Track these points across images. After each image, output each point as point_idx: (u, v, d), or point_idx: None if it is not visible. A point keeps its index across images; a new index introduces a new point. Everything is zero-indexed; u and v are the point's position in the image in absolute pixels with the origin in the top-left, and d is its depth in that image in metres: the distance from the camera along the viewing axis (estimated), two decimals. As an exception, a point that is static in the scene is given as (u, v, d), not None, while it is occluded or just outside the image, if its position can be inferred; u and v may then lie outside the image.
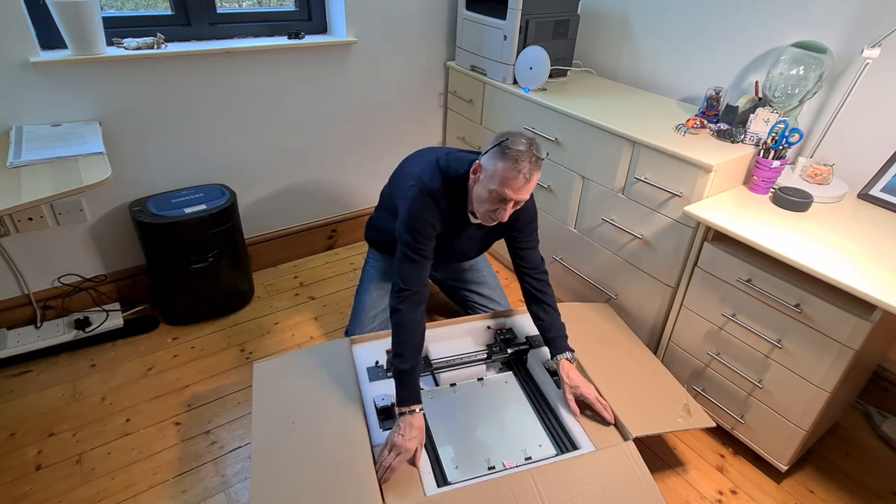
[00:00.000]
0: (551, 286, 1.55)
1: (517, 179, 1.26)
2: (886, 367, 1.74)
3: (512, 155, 1.26)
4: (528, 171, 1.26)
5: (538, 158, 1.29)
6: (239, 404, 1.69)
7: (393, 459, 1.20)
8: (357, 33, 2.11)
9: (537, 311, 1.52)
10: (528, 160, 1.26)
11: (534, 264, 1.54)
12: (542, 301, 1.52)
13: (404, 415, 1.26)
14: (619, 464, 1.25)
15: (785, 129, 1.50)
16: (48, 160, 1.46)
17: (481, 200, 1.33)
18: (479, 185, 1.34)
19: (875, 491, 1.53)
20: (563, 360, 1.46)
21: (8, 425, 1.58)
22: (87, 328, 1.86)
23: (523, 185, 1.27)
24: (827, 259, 1.27)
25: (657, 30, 2.06)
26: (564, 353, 1.47)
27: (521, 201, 1.31)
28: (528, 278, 1.54)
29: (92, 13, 1.59)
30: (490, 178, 1.29)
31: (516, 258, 1.55)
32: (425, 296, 1.39)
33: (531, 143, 1.29)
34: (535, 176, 1.29)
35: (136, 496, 1.41)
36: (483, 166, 1.32)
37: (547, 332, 1.50)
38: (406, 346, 1.31)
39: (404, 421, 1.25)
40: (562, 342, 1.49)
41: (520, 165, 1.25)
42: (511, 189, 1.27)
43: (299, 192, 2.29)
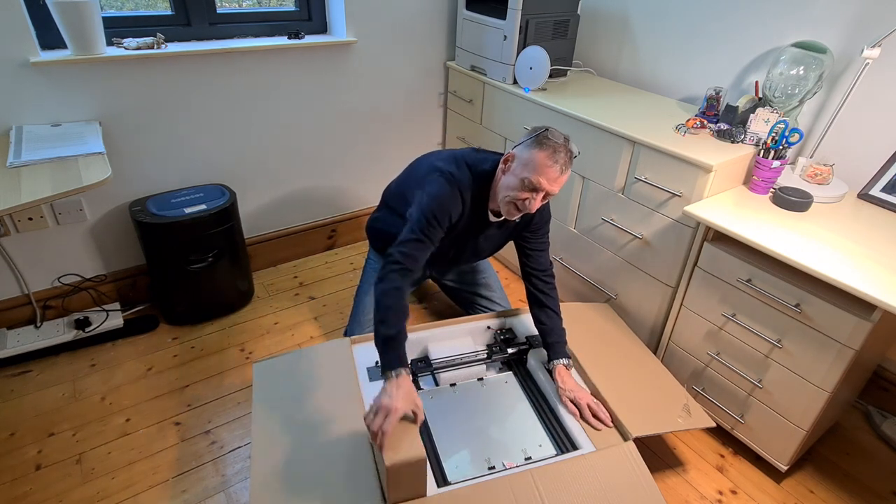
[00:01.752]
0: (556, 290, 1.54)
1: (553, 168, 1.26)
2: (886, 367, 1.74)
3: (550, 145, 1.26)
4: (564, 163, 1.27)
5: (573, 154, 1.30)
6: (239, 404, 1.69)
7: (381, 422, 1.08)
8: (357, 33, 2.11)
9: (539, 314, 1.52)
10: (564, 152, 1.27)
11: (542, 266, 1.53)
12: (545, 305, 1.51)
13: (390, 378, 1.15)
14: (619, 464, 1.25)
15: (785, 129, 1.50)
16: (48, 160, 1.46)
17: (510, 188, 1.31)
18: (509, 175, 1.32)
19: (875, 491, 1.53)
20: (560, 367, 1.46)
21: (8, 425, 1.58)
22: (87, 328, 1.86)
23: (558, 177, 1.28)
24: (827, 259, 1.27)
25: (657, 30, 2.07)
26: (561, 359, 1.47)
27: (551, 193, 1.30)
28: (534, 279, 1.53)
29: (92, 13, 1.59)
30: (524, 166, 1.28)
31: (524, 258, 1.54)
32: (417, 277, 1.36)
33: (567, 139, 1.30)
34: (568, 171, 1.30)
35: (136, 496, 1.41)
36: (517, 155, 1.31)
37: (547, 336, 1.50)
38: (392, 313, 1.22)
39: (390, 383, 1.14)
40: (560, 347, 1.49)
41: (557, 156, 1.26)
42: (546, 178, 1.27)
43: (299, 192, 2.29)
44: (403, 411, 1.11)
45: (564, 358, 1.48)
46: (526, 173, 1.28)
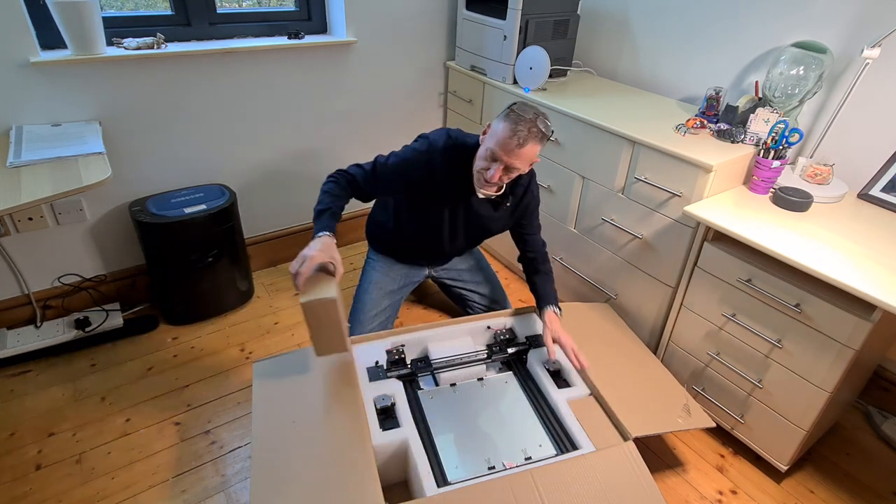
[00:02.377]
0: (551, 265, 1.67)
1: (511, 140, 1.31)
2: (886, 367, 1.74)
3: (513, 118, 1.32)
4: (524, 137, 1.31)
5: (541, 131, 1.33)
6: (239, 404, 1.69)
7: (298, 265, 1.26)
8: (357, 33, 2.11)
9: (534, 278, 1.65)
10: (527, 127, 1.31)
11: (537, 248, 1.66)
12: (540, 271, 1.64)
13: (315, 238, 1.34)
14: (619, 464, 1.25)
15: (785, 129, 1.50)
16: (48, 160, 1.46)
17: (479, 158, 1.41)
18: (482, 147, 1.41)
19: (875, 491, 1.53)
20: (549, 311, 1.55)
21: (8, 425, 1.58)
22: (87, 328, 1.86)
23: (514, 149, 1.32)
24: (827, 259, 1.27)
25: (657, 30, 2.07)
26: (551, 305, 1.57)
27: (511, 167, 1.36)
28: (528, 254, 1.67)
29: (92, 13, 1.59)
30: (490, 136, 1.37)
31: (521, 244, 1.67)
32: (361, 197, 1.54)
33: (539, 114, 1.34)
34: (530, 145, 1.32)
35: (135, 496, 1.41)
36: (491, 126, 1.40)
37: (539, 290, 1.63)
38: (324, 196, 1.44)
39: (314, 241, 1.33)
40: (551, 299, 1.60)
41: (517, 128, 1.30)
42: (503, 150, 1.33)
43: (299, 191, 2.29)
44: (319, 260, 1.28)
45: (555, 305, 1.58)
46: (489, 144, 1.36)
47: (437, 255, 1.81)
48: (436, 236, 1.65)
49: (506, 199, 1.56)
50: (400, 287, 1.82)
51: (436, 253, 1.77)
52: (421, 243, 1.72)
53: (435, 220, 1.59)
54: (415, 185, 1.51)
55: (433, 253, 1.78)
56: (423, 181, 1.50)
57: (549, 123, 1.36)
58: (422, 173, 1.49)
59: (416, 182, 1.51)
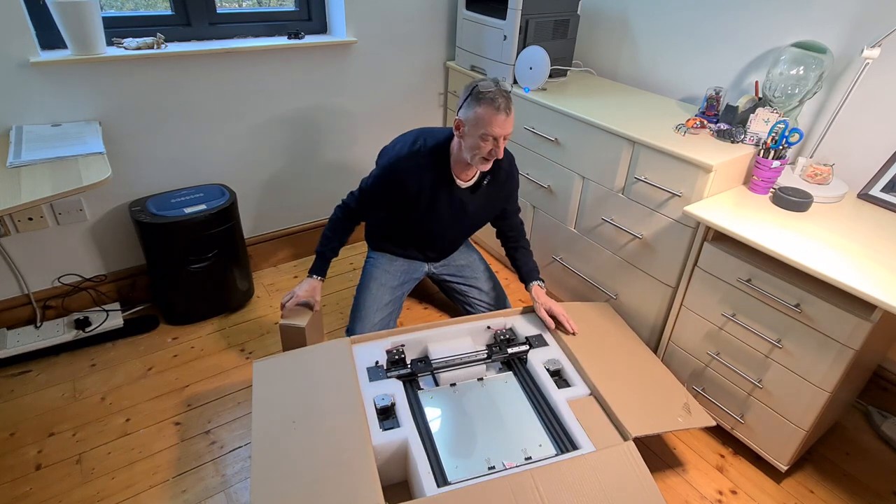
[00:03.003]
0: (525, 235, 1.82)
1: (499, 116, 1.40)
2: (886, 367, 1.74)
3: (487, 96, 1.40)
4: (506, 104, 1.41)
5: (508, 93, 1.43)
6: (239, 404, 1.69)
7: (286, 299, 1.61)
8: (357, 33, 2.11)
9: (515, 254, 1.78)
10: (501, 96, 1.41)
11: (515, 227, 1.80)
12: (520, 246, 1.78)
13: (307, 279, 1.65)
14: (619, 464, 1.25)
15: (785, 129, 1.50)
16: (48, 160, 1.46)
17: (473, 148, 1.47)
18: (467, 138, 1.48)
19: (875, 491, 1.53)
20: (535, 286, 1.71)
21: (8, 425, 1.58)
22: (87, 328, 1.86)
23: (506, 119, 1.42)
24: (827, 259, 1.27)
25: (657, 30, 2.07)
26: (536, 280, 1.72)
27: (508, 135, 1.46)
28: (507, 233, 1.80)
29: (92, 13, 1.59)
30: (475, 125, 1.44)
31: (500, 221, 1.80)
32: (359, 220, 1.71)
33: (497, 81, 1.44)
34: (511, 108, 1.43)
35: (136, 496, 1.41)
36: (463, 119, 1.46)
37: (521, 267, 1.76)
38: (330, 238, 1.68)
39: (304, 281, 1.65)
40: (534, 274, 1.74)
41: (497, 103, 1.40)
42: (498, 126, 1.42)
43: (299, 192, 2.29)
44: (303, 298, 1.62)
45: (539, 280, 1.72)
46: (479, 130, 1.43)
47: (433, 250, 1.86)
48: (428, 232, 1.74)
49: (483, 180, 1.66)
50: (401, 283, 1.83)
51: (431, 247, 1.84)
52: (416, 241, 1.80)
53: (424, 218, 1.67)
54: (395, 197, 1.62)
55: (429, 248, 1.84)
56: (401, 192, 1.60)
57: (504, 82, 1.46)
58: (396, 188, 1.59)
59: (395, 195, 1.61)
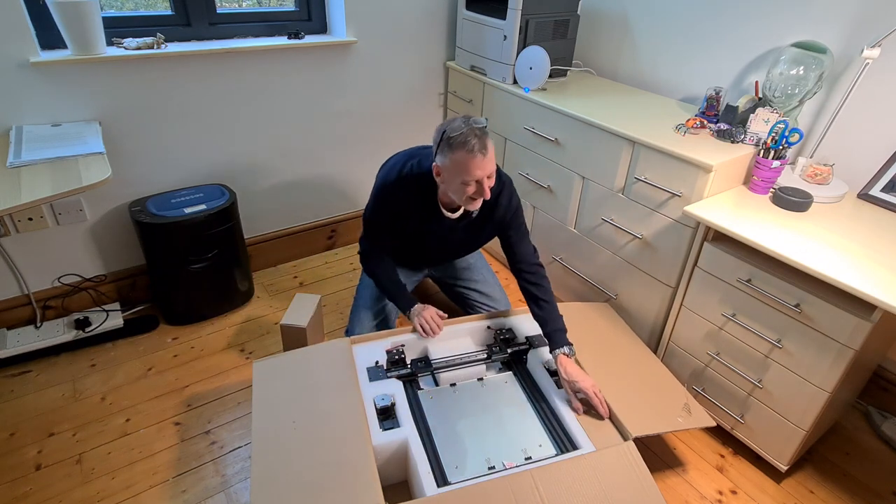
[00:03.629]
0: (546, 277, 1.58)
1: (476, 159, 1.33)
2: (886, 367, 1.74)
3: (458, 141, 1.33)
4: (480, 145, 1.33)
5: (481, 129, 1.35)
6: (239, 404, 1.69)
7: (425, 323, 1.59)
8: (357, 33, 2.11)
9: (534, 308, 1.56)
10: (473, 136, 1.33)
11: (525, 256, 1.59)
12: (538, 297, 1.55)
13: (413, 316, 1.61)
14: (619, 464, 1.25)
15: (785, 129, 1.50)
16: (48, 160, 1.46)
17: (458, 192, 1.40)
18: (448, 183, 1.41)
19: (875, 491, 1.53)
20: (561, 356, 1.46)
21: (8, 425, 1.58)
22: (87, 328, 1.86)
23: (484, 159, 1.34)
24: (827, 259, 1.27)
25: (657, 30, 2.07)
26: (562, 347, 1.47)
27: (491, 173, 1.39)
28: (523, 273, 1.58)
29: (92, 13, 1.59)
30: (454, 172, 1.37)
31: (509, 253, 1.61)
32: (387, 249, 1.65)
33: (466, 120, 1.36)
34: (488, 146, 1.35)
35: (136, 496, 1.41)
36: (441, 167, 1.40)
37: (544, 326, 1.53)
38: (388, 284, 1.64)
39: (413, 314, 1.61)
40: (559, 336, 1.49)
41: (469, 145, 1.32)
42: (478, 170, 1.34)
43: (299, 192, 2.29)
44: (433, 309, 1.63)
45: (565, 346, 1.47)
46: (460, 177, 1.36)
47: (428, 265, 1.87)
48: (419, 253, 1.72)
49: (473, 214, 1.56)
50: None
51: (426, 263, 1.84)
52: (409, 257, 1.77)
53: (414, 242, 1.64)
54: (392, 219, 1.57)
55: (423, 263, 1.84)
56: (394, 214, 1.56)
57: (477, 117, 1.38)
58: (389, 210, 1.55)
59: (392, 216, 1.56)
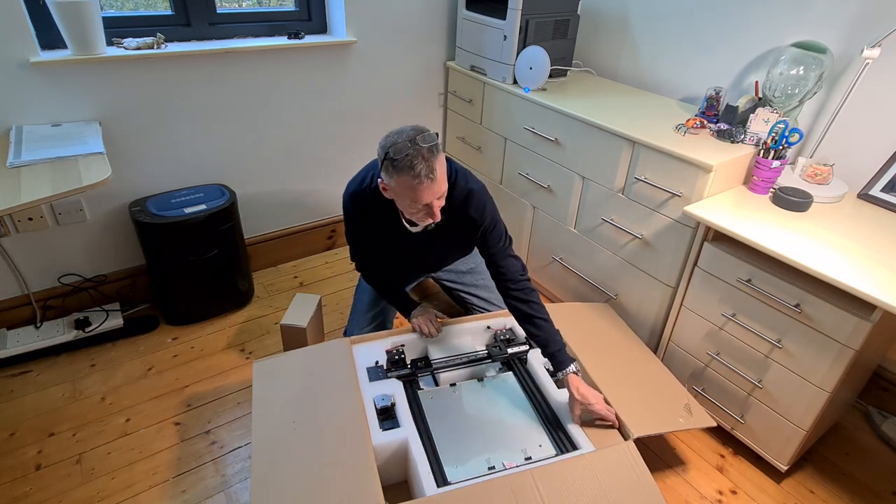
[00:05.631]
0: (536, 291, 1.46)
1: (422, 184, 1.20)
2: (886, 367, 1.74)
3: (402, 165, 1.19)
4: (427, 169, 1.18)
5: (429, 148, 1.20)
6: (239, 404, 1.69)
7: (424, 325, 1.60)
8: (357, 33, 2.11)
9: (529, 328, 1.44)
10: (420, 159, 1.18)
11: (511, 273, 1.45)
12: (530, 315, 1.43)
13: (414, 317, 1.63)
14: (619, 464, 1.25)
15: (785, 129, 1.50)
16: (48, 160, 1.46)
17: (407, 211, 1.31)
18: (398, 202, 1.31)
19: (875, 491, 1.53)
20: (571, 375, 1.37)
21: (8, 425, 1.58)
22: (87, 328, 1.86)
23: (431, 185, 1.21)
24: (827, 259, 1.27)
25: (657, 30, 2.06)
26: (569, 366, 1.39)
27: (443, 194, 1.27)
28: (510, 291, 1.45)
29: (92, 13, 1.59)
30: (401, 196, 1.26)
31: (493, 270, 1.48)
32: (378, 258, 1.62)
33: (413, 138, 1.19)
34: (438, 165, 1.21)
35: (136, 496, 1.41)
36: (388, 186, 1.27)
37: (545, 347, 1.42)
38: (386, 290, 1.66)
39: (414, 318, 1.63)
40: (562, 356, 1.41)
41: (415, 171, 1.18)
42: (425, 194, 1.22)
43: (299, 192, 2.29)
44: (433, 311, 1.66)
45: (571, 365, 1.39)
46: (407, 200, 1.25)
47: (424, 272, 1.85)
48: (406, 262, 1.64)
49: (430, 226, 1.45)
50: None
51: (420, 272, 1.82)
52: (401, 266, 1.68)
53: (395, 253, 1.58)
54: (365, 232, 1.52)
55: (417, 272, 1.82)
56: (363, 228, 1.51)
57: (427, 131, 1.22)
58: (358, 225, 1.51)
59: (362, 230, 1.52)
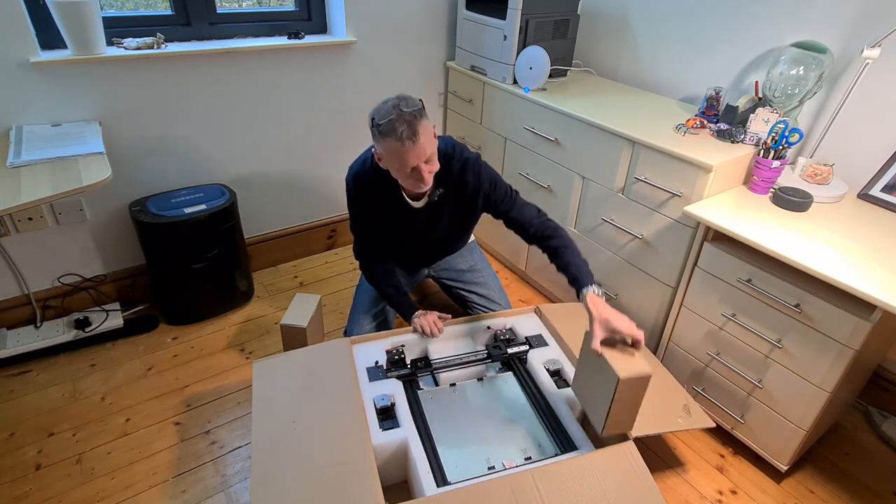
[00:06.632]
0: (557, 227, 1.49)
1: (406, 147, 1.27)
2: (886, 367, 1.74)
3: (386, 129, 1.27)
4: (409, 132, 1.26)
5: (412, 113, 1.27)
6: (239, 404, 1.69)
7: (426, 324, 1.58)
8: (357, 33, 2.11)
9: (555, 259, 1.45)
10: (402, 122, 1.25)
11: (527, 219, 1.50)
12: (555, 248, 1.45)
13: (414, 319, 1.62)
14: (619, 464, 1.25)
15: (785, 129, 1.50)
16: (48, 160, 1.46)
17: (399, 177, 1.39)
18: (390, 169, 1.38)
19: (875, 491, 1.53)
20: (590, 294, 1.29)
21: (8, 425, 1.58)
22: (87, 328, 1.86)
23: (414, 147, 1.28)
24: (827, 259, 1.27)
25: (657, 30, 2.07)
26: (590, 286, 1.32)
27: (430, 156, 1.33)
28: (531, 236, 1.50)
29: (92, 13, 1.59)
30: (388, 159, 1.33)
31: (513, 225, 1.53)
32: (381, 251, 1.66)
33: (397, 104, 1.28)
34: (420, 128, 1.27)
35: (135, 496, 1.41)
36: (378, 152, 1.37)
37: (566, 271, 1.40)
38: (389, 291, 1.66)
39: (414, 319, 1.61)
40: (585, 277, 1.35)
41: (397, 133, 1.26)
42: (411, 157, 1.29)
43: (299, 192, 2.29)
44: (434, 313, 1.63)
45: (593, 285, 1.32)
46: (395, 164, 1.33)
47: (419, 260, 1.83)
48: (403, 246, 1.68)
49: (436, 196, 1.52)
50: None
51: (415, 258, 1.80)
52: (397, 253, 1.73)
53: (393, 236, 1.62)
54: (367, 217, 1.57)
55: (413, 258, 1.80)
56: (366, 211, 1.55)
57: (410, 98, 1.30)
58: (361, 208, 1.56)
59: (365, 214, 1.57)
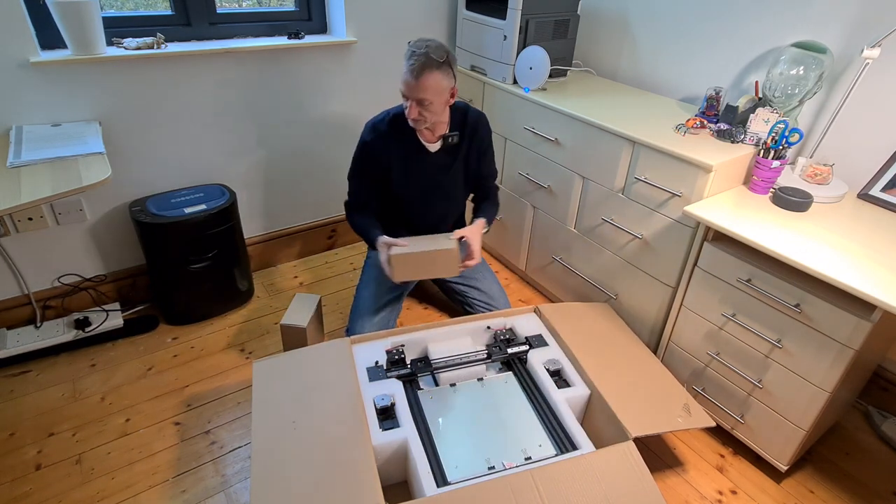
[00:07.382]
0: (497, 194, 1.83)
1: (407, 76, 1.41)
2: (886, 367, 1.74)
3: (407, 55, 1.41)
4: (418, 68, 1.39)
5: (434, 59, 1.39)
6: (239, 404, 1.69)
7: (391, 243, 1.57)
8: (357, 33, 2.11)
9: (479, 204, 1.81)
10: (419, 59, 1.38)
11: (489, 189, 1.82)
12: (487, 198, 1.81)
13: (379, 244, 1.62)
14: (619, 464, 1.25)
15: (785, 129, 1.50)
16: (48, 160, 1.46)
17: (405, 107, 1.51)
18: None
19: (875, 491, 1.53)
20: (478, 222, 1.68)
21: (8, 425, 1.58)
22: (87, 328, 1.86)
23: (413, 82, 1.41)
24: (827, 259, 1.27)
25: (657, 30, 2.07)
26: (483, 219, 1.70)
27: (421, 100, 1.45)
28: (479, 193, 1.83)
29: (92, 13, 1.59)
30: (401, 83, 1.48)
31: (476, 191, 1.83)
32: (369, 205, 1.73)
33: (430, 45, 1.40)
34: (426, 74, 1.40)
35: (135, 496, 1.41)
36: None
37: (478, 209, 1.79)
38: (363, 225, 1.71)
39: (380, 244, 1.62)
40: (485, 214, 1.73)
41: (410, 62, 1.39)
42: (406, 87, 1.43)
43: (299, 192, 2.29)
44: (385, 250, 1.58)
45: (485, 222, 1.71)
46: (400, 87, 1.47)
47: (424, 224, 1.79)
48: (411, 205, 1.74)
49: (451, 139, 1.64)
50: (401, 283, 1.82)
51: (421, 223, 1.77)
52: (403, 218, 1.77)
53: (403, 190, 1.70)
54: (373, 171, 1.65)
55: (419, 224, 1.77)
56: (376, 164, 1.64)
57: (446, 51, 1.42)
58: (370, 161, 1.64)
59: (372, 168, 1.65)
